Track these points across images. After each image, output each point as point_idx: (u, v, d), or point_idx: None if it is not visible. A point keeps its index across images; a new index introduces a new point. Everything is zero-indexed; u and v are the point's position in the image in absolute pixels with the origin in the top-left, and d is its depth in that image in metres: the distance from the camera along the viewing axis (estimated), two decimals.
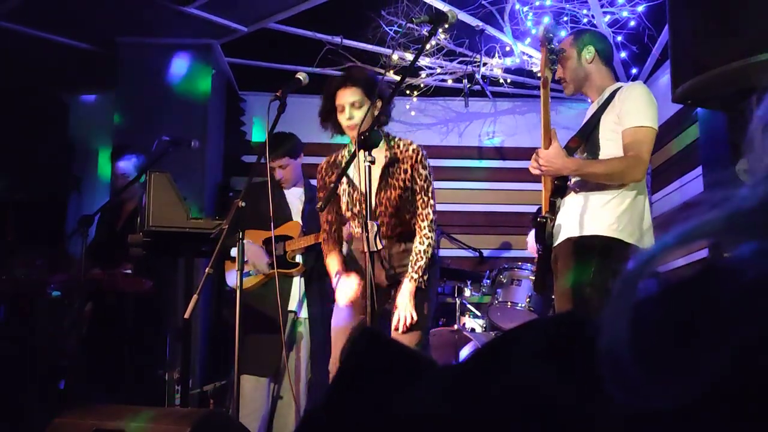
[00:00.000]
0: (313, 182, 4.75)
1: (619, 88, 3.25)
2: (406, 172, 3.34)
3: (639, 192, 3.18)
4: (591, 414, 0.57)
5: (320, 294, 4.31)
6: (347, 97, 3.34)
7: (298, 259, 4.28)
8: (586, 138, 3.28)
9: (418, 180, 3.34)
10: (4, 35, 5.36)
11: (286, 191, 4.39)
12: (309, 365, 4.27)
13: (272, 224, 3.46)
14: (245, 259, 3.38)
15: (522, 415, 0.59)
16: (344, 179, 3.41)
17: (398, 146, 3.39)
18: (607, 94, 3.29)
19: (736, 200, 0.58)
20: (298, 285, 4.27)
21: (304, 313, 4.30)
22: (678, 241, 0.58)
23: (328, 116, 3.47)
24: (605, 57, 3.39)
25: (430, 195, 3.36)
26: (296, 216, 4.35)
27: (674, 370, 0.53)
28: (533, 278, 4.76)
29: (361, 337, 0.78)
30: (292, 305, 4.23)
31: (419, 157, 3.36)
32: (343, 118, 3.37)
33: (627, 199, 3.14)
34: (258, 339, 3.95)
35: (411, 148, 3.38)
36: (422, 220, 3.34)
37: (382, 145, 3.34)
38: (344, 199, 3.43)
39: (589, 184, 3.20)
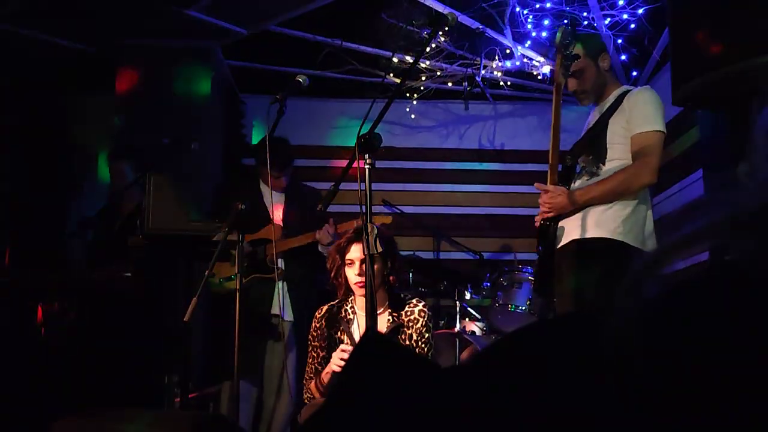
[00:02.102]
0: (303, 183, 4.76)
1: (626, 92, 3.24)
2: (411, 338, 3.30)
3: (642, 195, 3.17)
4: (594, 411, 0.56)
5: (305, 295, 4.32)
6: (360, 252, 3.27)
7: (280, 263, 4.28)
8: (592, 142, 3.27)
9: (420, 343, 3.29)
10: (4, 37, 5.36)
11: (265, 194, 4.35)
12: (297, 367, 4.27)
13: (273, 229, 3.46)
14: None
15: (526, 413, 0.59)
16: (346, 338, 3.36)
17: (406, 312, 3.34)
18: (613, 97, 3.28)
19: (738, 202, 0.57)
20: (280, 288, 4.25)
21: (288, 316, 4.30)
22: (682, 243, 0.58)
23: (339, 272, 3.38)
24: (611, 60, 3.40)
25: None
26: (276, 219, 4.32)
27: (682, 369, 0.52)
28: (534, 280, 4.76)
29: (366, 340, 0.77)
30: (275, 309, 4.22)
31: (425, 320, 3.31)
32: (353, 273, 3.31)
33: (630, 203, 3.13)
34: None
35: (418, 310, 3.33)
36: None
37: (386, 307, 3.32)
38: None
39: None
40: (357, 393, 0.71)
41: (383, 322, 3.31)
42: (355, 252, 3.30)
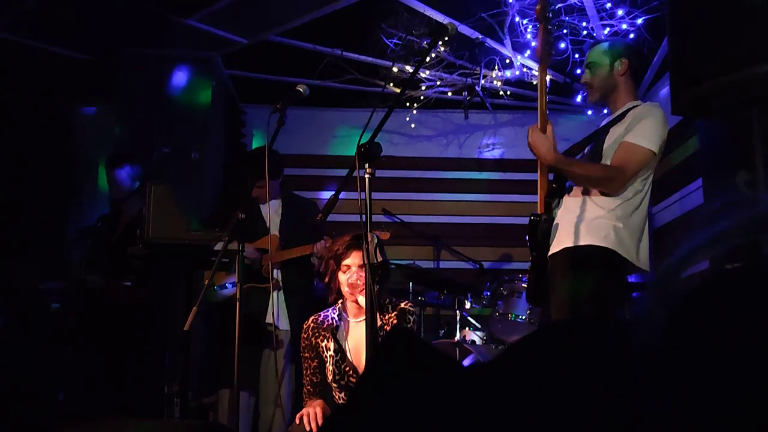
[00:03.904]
0: (296, 192, 4.77)
1: (636, 106, 3.26)
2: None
3: (639, 204, 3.17)
4: (611, 413, 0.56)
5: (302, 305, 4.33)
6: (359, 259, 3.28)
7: (277, 273, 4.29)
8: (590, 144, 3.29)
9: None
10: (4, 47, 5.37)
11: (261, 205, 4.38)
12: (293, 376, 4.28)
13: (270, 238, 3.45)
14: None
15: (545, 413, 0.59)
16: (333, 345, 3.36)
17: (389, 311, 3.38)
18: (622, 110, 3.29)
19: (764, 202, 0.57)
20: (275, 298, 4.27)
21: (285, 325, 4.31)
22: (710, 242, 0.57)
23: (333, 276, 3.40)
24: (635, 71, 3.39)
25: None
26: (273, 229, 4.35)
27: (708, 374, 0.52)
28: (525, 286, 4.75)
29: (391, 336, 0.78)
30: (270, 318, 4.24)
31: (404, 315, 3.36)
32: (346, 279, 3.34)
33: (623, 213, 3.13)
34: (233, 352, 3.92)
35: (398, 308, 3.38)
36: None
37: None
38: (330, 368, 3.36)
39: (586, 190, 3.19)
40: (380, 388, 0.71)
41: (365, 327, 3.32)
42: (353, 259, 3.31)
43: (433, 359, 0.73)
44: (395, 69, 5.79)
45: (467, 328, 5.17)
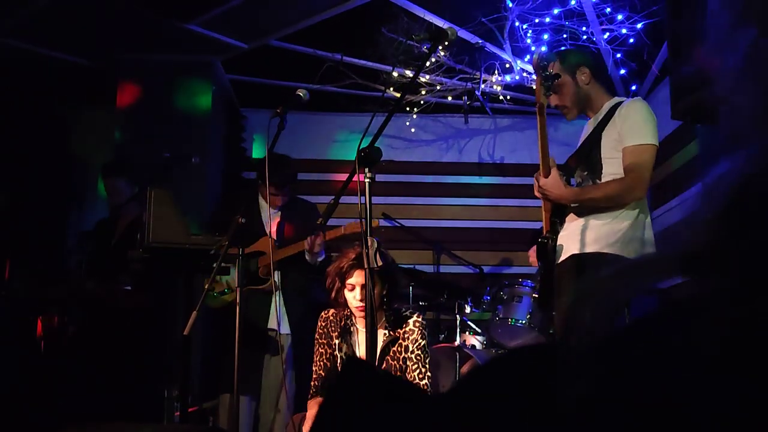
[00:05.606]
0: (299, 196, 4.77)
1: (618, 104, 3.24)
2: (407, 349, 3.37)
3: (640, 210, 3.17)
4: None
5: (301, 309, 4.32)
6: (362, 278, 3.29)
7: (277, 275, 4.29)
8: (586, 156, 3.26)
9: (415, 350, 3.35)
10: (5, 52, 5.38)
11: (262, 210, 4.38)
12: (294, 380, 4.27)
13: (271, 243, 3.45)
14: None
15: None
16: (345, 347, 3.40)
17: (401, 326, 3.40)
18: (606, 109, 3.27)
19: (680, 242, 0.58)
20: (276, 302, 4.26)
21: (285, 329, 4.30)
22: (620, 279, 0.58)
23: (339, 293, 3.42)
24: (599, 72, 3.37)
25: (426, 366, 3.36)
26: (269, 231, 4.35)
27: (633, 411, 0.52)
28: (537, 296, 4.74)
29: (347, 365, 0.78)
30: (272, 323, 4.22)
31: (420, 329, 3.39)
32: (354, 299, 3.36)
33: (629, 217, 3.13)
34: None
35: (412, 321, 3.41)
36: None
37: (382, 324, 3.36)
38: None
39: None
40: (338, 420, 0.72)
41: (380, 337, 3.35)
42: (357, 277, 3.32)
43: (389, 388, 0.74)
44: (395, 74, 5.80)
45: (467, 333, 5.17)
